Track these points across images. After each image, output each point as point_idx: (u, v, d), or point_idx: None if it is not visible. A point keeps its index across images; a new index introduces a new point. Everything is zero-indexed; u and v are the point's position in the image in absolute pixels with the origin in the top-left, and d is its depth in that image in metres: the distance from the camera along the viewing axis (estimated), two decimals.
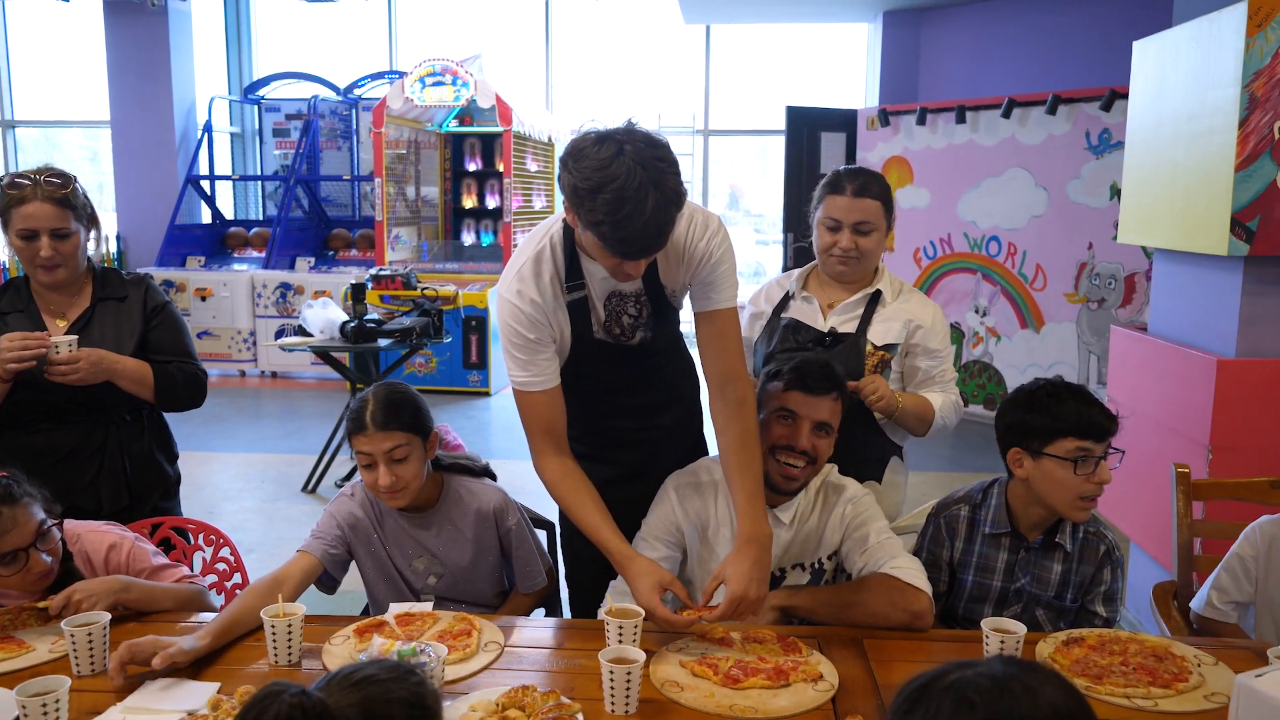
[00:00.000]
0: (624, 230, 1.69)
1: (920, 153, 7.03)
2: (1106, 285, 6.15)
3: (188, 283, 8.44)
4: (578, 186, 1.71)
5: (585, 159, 1.71)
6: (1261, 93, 2.79)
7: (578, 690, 1.67)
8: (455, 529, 2.18)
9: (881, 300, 2.39)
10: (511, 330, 1.97)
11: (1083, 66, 6.98)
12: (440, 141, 9.13)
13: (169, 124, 9.28)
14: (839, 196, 2.35)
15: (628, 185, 1.66)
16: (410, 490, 2.09)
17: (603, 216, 1.69)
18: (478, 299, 7.61)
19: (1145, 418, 3.30)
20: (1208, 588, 2.17)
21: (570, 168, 1.73)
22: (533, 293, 1.95)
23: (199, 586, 2.08)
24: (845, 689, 1.67)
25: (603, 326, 2.06)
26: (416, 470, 2.09)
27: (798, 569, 2.10)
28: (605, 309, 2.04)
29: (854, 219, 2.34)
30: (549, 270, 1.97)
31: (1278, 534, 2.12)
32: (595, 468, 2.23)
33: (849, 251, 2.35)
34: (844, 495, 2.10)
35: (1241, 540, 2.16)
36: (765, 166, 11.61)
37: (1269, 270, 2.94)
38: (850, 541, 2.06)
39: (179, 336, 2.48)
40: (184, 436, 2.68)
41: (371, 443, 2.04)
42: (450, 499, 2.20)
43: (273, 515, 4.99)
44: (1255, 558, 2.12)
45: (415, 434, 2.08)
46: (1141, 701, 1.63)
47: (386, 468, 2.03)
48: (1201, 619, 2.19)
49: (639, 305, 2.06)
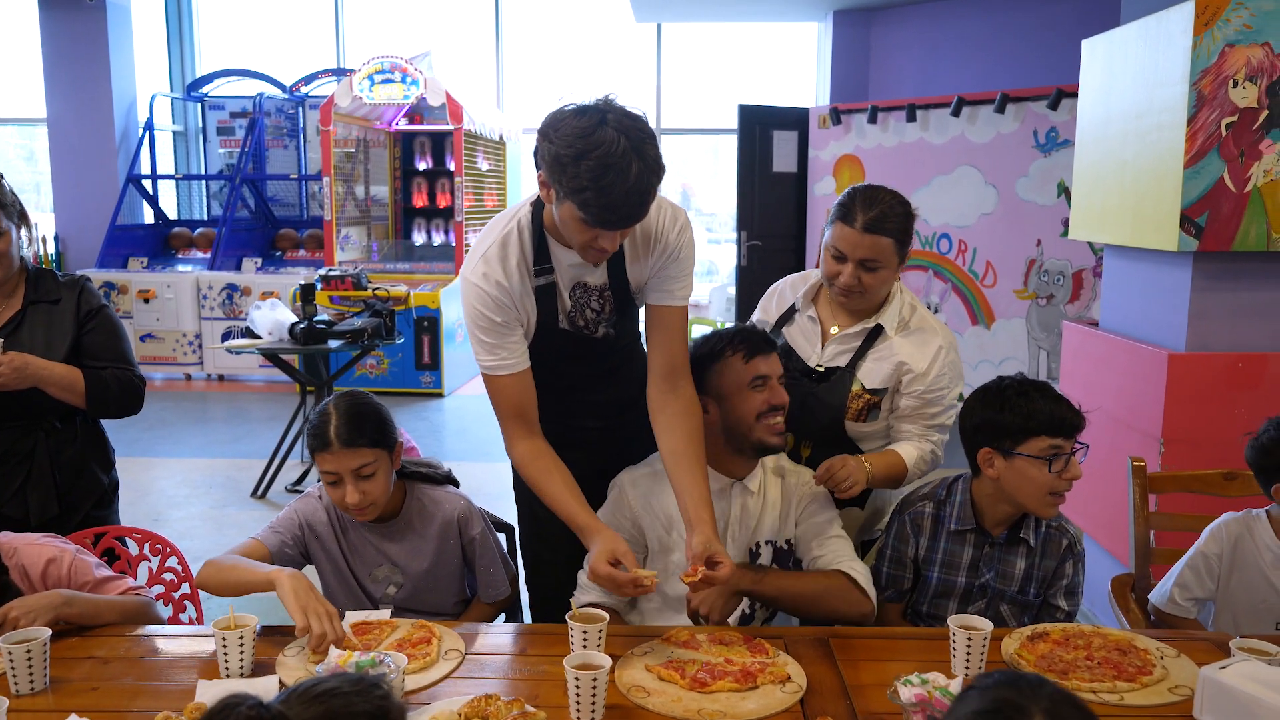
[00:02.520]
0: (607, 197, 1.69)
1: (872, 151, 7.08)
2: (1055, 282, 6.23)
3: (130, 284, 8.23)
4: (560, 154, 1.70)
5: (567, 128, 1.71)
6: (1209, 90, 2.83)
7: (542, 698, 1.63)
8: (419, 538, 2.13)
9: (882, 335, 2.24)
10: (478, 314, 1.94)
11: (1030, 66, 7.07)
12: (390, 140, 9.01)
13: (108, 122, 9.04)
14: (848, 227, 2.15)
15: (611, 152, 1.67)
16: (379, 505, 2.03)
17: (587, 183, 1.68)
18: (429, 299, 7.52)
19: (1098, 412, 3.33)
20: (1170, 582, 2.18)
21: (551, 137, 1.73)
22: (499, 275, 1.92)
23: (145, 598, 2.00)
24: (813, 690, 1.66)
25: (568, 316, 2.04)
26: (384, 485, 2.02)
27: (769, 546, 2.11)
28: (571, 299, 2.02)
29: (860, 255, 2.15)
30: (516, 254, 1.94)
31: (1242, 532, 2.13)
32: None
33: (851, 287, 2.18)
34: (800, 478, 2.15)
35: (1207, 537, 2.16)
36: (717, 165, 11.63)
37: (1217, 265, 2.98)
38: (806, 526, 2.09)
39: (115, 341, 2.39)
40: (127, 442, 2.60)
41: (337, 461, 1.96)
42: (414, 508, 2.13)
43: (221, 522, 4.87)
44: (1219, 555, 2.13)
45: (382, 448, 2.01)
46: (1108, 696, 1.63)
47: (354, 485, 1.97)
48: (1160, 612, 2.20)
49: (602, 300, 2.05)
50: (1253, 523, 2.13)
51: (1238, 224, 2.88)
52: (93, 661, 1.77)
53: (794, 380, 2.20)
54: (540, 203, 1.96)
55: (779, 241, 7.83)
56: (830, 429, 2.24)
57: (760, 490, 2.11)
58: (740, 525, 2.09)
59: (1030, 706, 0.95)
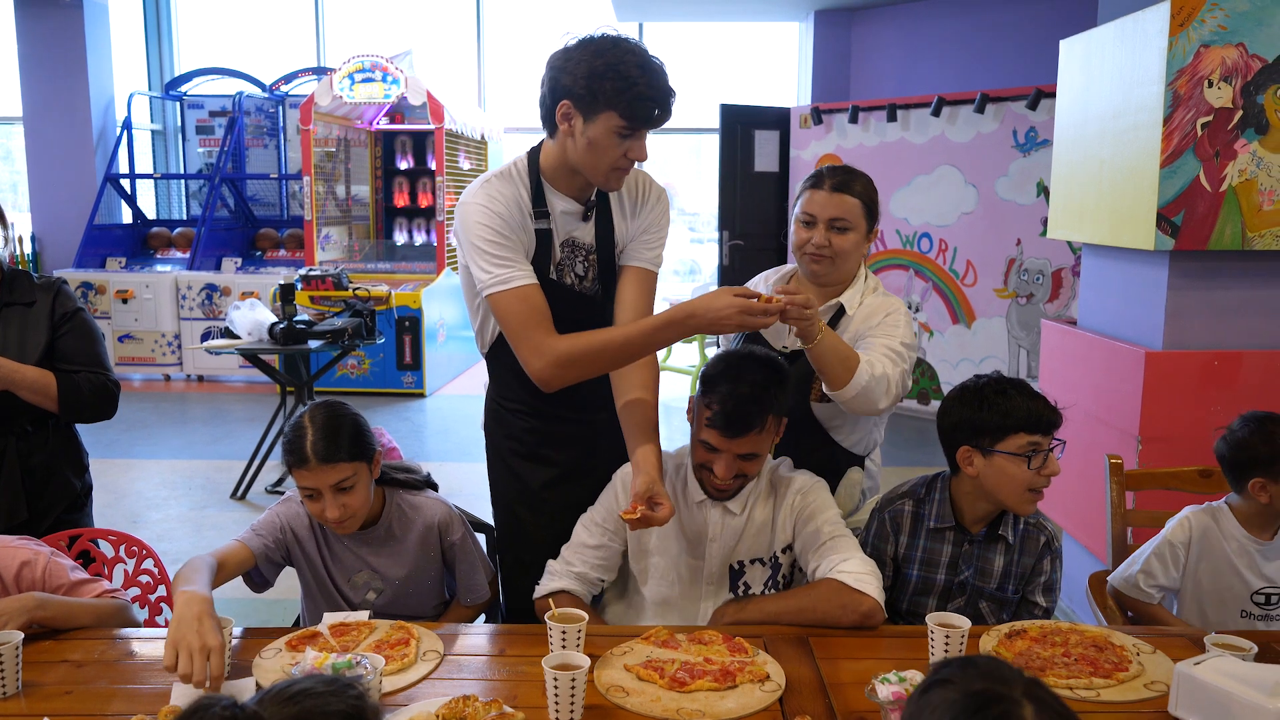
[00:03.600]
0: (655, 90, 1.83)
1: (853, 150, 7.10)
2: (1035, 280, 6.27)
3: (108, 284, 8.16)
4: (594, 67, 1.83)
5: (587, 50, 1.85)
6: (1184, 90, 2.85)
7: (521, 698, 1.62)
8: (399, 545, 2.11)
9: (844, 316, 2.26)
10: (483, 229, 1.94)
11: (1010, 66, 7.12)
12: (371, 139, 8.97)
13: (86, 120, 8.96)
14: (817, 191, 2.22)
15: (640, 51, 1.86)
16: (359, 517, 2.01)
17: (636, 77, 1.82)
18: (411, 299, 7.49)
19: (1076, 410, 3.35)
20: (1135, 568, 2.21)
21: (571, 67, 1.85)
22: (503, 199, 1.97)
23: (121, 601, 1.99)
24: (793, 689, 1.66)
25: (556, 268, 2.07)
26: (364, 497, 1.99)
27: (757, 564, 2.07)
28: (561, 252, 2.06)
29: (830, 214, 2.20)
30: (516, 188, 2.00)
31: (1209, 523, 2.17)
32: (533, 468, 2.22)
33: (822, 249, 2.20)
34: (793, 486, 2.07)
35: (1174, 527, 2.20)
36: (700, 165, 11.64)
37: (1194, 264, 3.01)
38: (802, 538, 2.03)
39: (89, 345, 2.36)
40: (105, 444, 2.58)
41: (315, 477, 1.93)
42: (394, 515, 2.11)
43: (200, 523, 4.84)
44: (1186, 544, 2.17)
45: (360, 460, 1.97)
46: (1084, 693, 1.64)
47: (333, 500, 1.94)
48: (1121, 595, 2.22)
49: (587, 264, 2.09)
50: (1218, 514, 2.18)
51: (1213, 223, 2.91)
52: (67, 665, 1.75)
53: None
54: (535, 152, 2.03)
55: (761, 241, 7.84)
56: (795, 409, 2.18)
57: (745, 511, 2.05)
58: (719, 543, 2.04)
59: (1012, 693, 0.94)
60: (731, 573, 2.06)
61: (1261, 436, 2.10)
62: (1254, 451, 2.10)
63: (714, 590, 2.06)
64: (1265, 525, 2.14)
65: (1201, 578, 2.17)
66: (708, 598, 2.06)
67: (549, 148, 2.01)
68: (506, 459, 2.24)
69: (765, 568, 2.07)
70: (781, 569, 2.08)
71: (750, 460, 1.97)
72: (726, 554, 2.05)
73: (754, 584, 2.07)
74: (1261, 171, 2.88)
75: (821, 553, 1.97)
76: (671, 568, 2.05)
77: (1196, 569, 2.17)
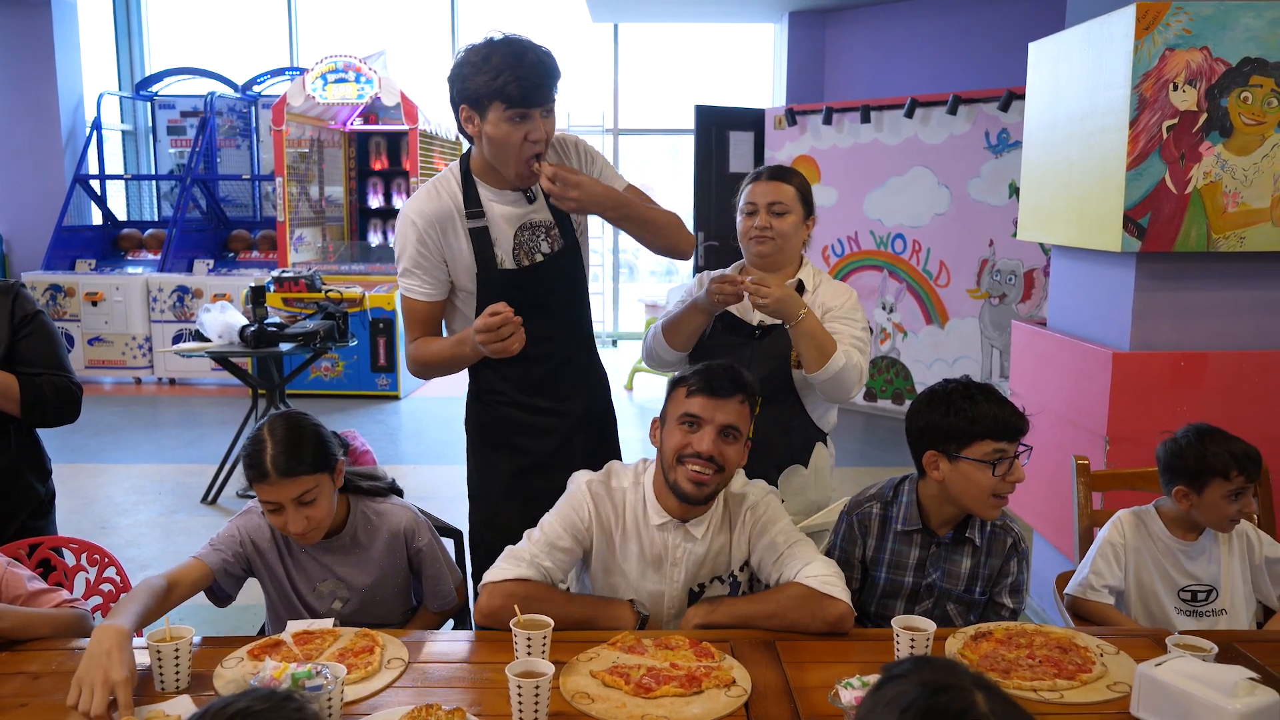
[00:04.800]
0: (523, 68, 2.01)
1: (827, 152, 7.12)
2: (1007, 281, 6.31)
3: (77, 286, 8.07)
4: (473, 67, 2.03)
5: (465, 58, 2.06)
6: (1150, 93, 2.88)
7: (485, 706, 1.61)
8: (364, 553, 2.09)
9: (804, 291, 2.43)
10: (401, 240, 2.21)
11: (981, 68, 7.16)
12: (344, 140, 8.91)
13: (54, 121, 8.85)
14: (757, 183, 2.47)
15: (510, 40, 2.06)
16: (323, 528, 1.99)
17: (504, 67, 2.00)
18: (385, 300, 7.45)
19: (1046, 410, 3.38)
20: (1085, 571, 2.26)
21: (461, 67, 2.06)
22: (425, 219, 2.17)
23: (80, 611, 1.95)
24: (759, 694, 1.66)
25: (511, 255, 2.21)
26: (327, 508, 1.97)
27: (715, 582, 2.05)
28: (516, 240, 2.21)
29: (768, 200, 2.43)
30: (446, 192, 2.20)
31: (1139, 524, 2.27)
32: (507, 457, 2.29)
33: (765, 230, 2.42)
34: (745, 503, 2.04)
35: (1109, 529, 2.28)
36: (676, 165, 11.64)
37: (1160, 266, 3.03)
38: (759, 551, 2.00)
39: (50, 347, 2.33)
40: (73, 448, 2.55)
41: (276, 491, 1.91)
42: (359, 523, 2.09)
43: (170, 529, 4.79)
44: (1123, 545, 2.25)
45: (323, 471, 1.95)
46: (1048, 694, 1.65)
47: (295, 513, 1.92)
48: (1078, 602, 2.25)
49: (550, 239, 2.24)
50: (1145, 516, 2.28)
51: (1179, 225, 2.93)
52: (23, 677, 1.72)
53: (738, 341, 2.41)
54: (465, 158, 2.22)
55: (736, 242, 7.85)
56: (775, 378, 2.34)
57: (706, 537, 2.01)
58: (681, 568, 2.00)
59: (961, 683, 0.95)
60: (692, 595, 2.03)
61: (1195, 450, 2.17)
62: (1185, 461, 2.18)
63: (675, 614, 2.03)
64: (1189, 528, 2.24)
65: (1139, 576, 2.25)
66: (670, 622, 2.03)
67: (475, 152, 2.21)
68: (482, 447, 2.34)
69: (724, 585, 2.05)
70: (740, 586, 2.06)
71: (731, 441, 1.93)
72: (689, 579, 2.02)
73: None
74: (1226, 174, 2.91)
75: (782, 562, 1.95)
76: (633, 591, 2.02)
77: (1133, 568, 2.25)
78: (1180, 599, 2.23)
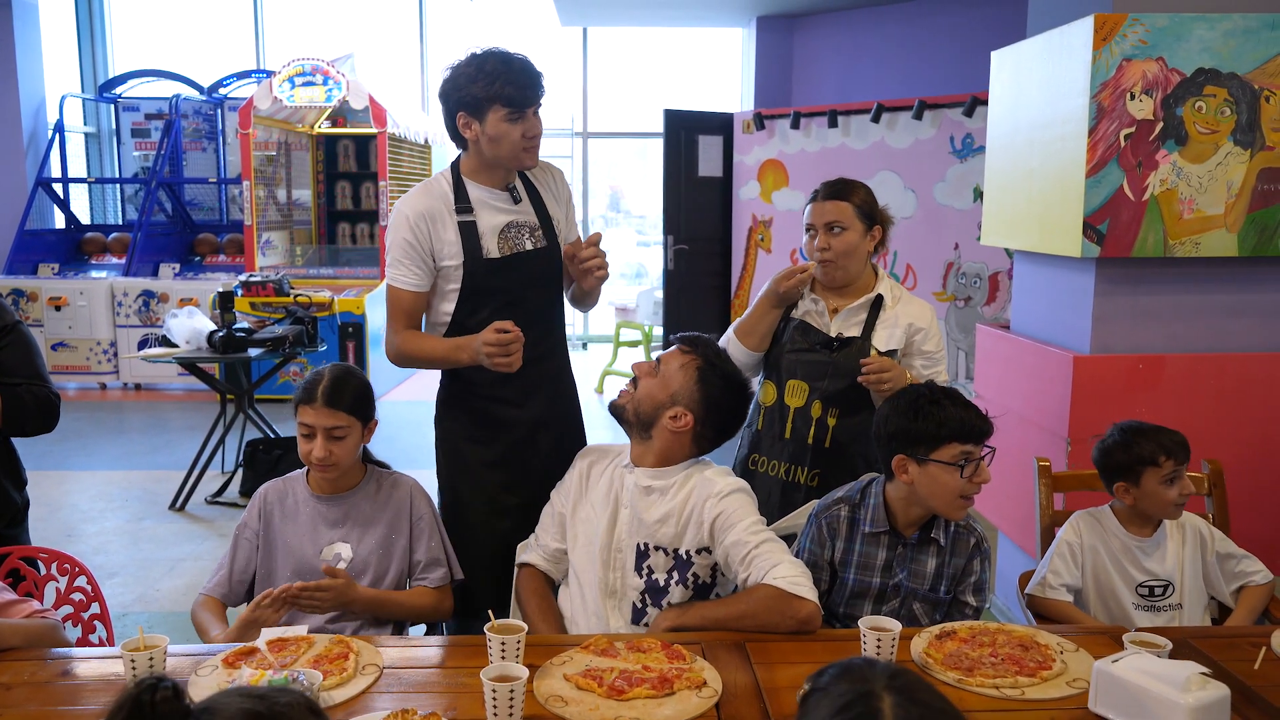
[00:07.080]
0: (516, 71, 2.19)
1: (795, 156, 7.18)
2: (972, 284, 6.40)
3: (40, 291, 7.96)
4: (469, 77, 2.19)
5: (457, 69, 2.22)
6: (1108, 102, 2.95)
7: (460, 710, 1.63)
8: (374, 513, 2.25)
9: (883, 305, 2.52)
10: (394, 231, 2.32)
11: (946, 73, 7.25)
12: (312, 143, 8.87)
13: (15, 123, 8.74)
14: (814, 203, 2.52)
15: (500, 50, 2.23)
16: (340, 467, 2.19)
17: (499, 73, 2.18)
18: (354, 305, 7.42)
19: (1010, 412, 3.44)
20: (1044, 570, 2.34)
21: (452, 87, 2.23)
22: (417, 212, 2.29)
23: (51, 621, 1.95)
24: (730, 695, 1.69)
25: (496, 248, 2.32)
26: (351, 451, 2.20)
27: (660, 552, 2.08)
28: (502, 235, 2.33)
29: (825, 220, 2.48)
30: (438, 192, 2.33)
31: (1094, 524, 2.36)
32: (474, 448, 2.40)
33: (824, 251, 2.48)
34: (713, 489, 2.07)
35: (1066, 529, 2.37)
36: (645, 168, 11.68)
37: (1118, 271, 3.10)
38: (724, 548, 2.02)
39: (29, 357, 2.34)
40: (38, 455, 2.54)
41: (316, 416, 2.14)
42: (372, 485, 2.28)
43: (138, 535, 4.75)
44: (1080, 544, 2.33)
45: (357, 418, 2.19)
46: (1009, 691, 1.69)
47: (324, 441, 2.14)
48: (1036, 601, 2.33)
49: (534, 239, 2.36)
50: (1101, 515, 2.37)
51: (1137, 231, 3.00)
52: None
53: (814, 351, 2.51)
54: (456, 162, 2.37)
55: (705, 245, 7.89)
56: (855, 389, 2.42)
57: (657, 493, 2.09)
58: (630, 510, 2.11)
59: (874, 689, 0.99)
60: (638, 552, 2.09)
61: (1122, 445, 2.30)
62: (1116, 458, 2.30)
63: (622, 560, 2.10)
64: (1143, 524, 2.33)
65: (1097, 574, 2.33)
66: (616, 567, 2.11)
67: (465, 156, 2.36)
68: (451, 440, 2.43)
69: (669, 558, 2.08)
70: (693, 567, 2.08)
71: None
72: (634, 527, 2.10)
73: (657, 570, 2.09)
74: (1181, 181, 2.98)
75: (749, 561, 1.97)
76: (594, 535, 2.14)
77: (1091, 566, 2.33)
78: (1138, 594, 2.30)
